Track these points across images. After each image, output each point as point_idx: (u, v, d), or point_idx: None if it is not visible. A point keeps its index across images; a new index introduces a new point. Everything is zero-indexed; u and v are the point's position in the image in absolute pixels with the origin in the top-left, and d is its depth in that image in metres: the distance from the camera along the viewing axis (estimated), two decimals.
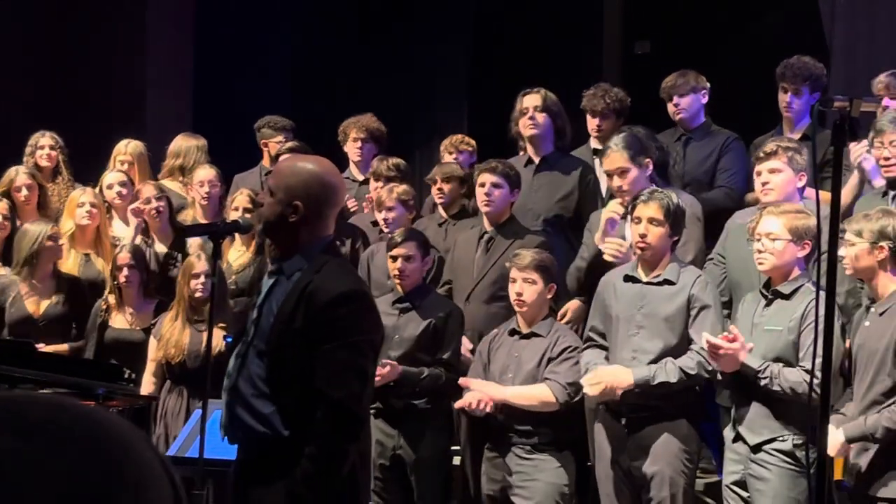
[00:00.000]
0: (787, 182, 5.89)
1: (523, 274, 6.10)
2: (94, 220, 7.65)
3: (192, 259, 6.97)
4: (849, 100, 3.38)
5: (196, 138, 8.64)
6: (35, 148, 8.42)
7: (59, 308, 7.32)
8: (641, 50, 11.12)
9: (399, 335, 6.43)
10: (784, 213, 5.46)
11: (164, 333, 6.89)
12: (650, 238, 5.72)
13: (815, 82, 7.12)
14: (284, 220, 4.22)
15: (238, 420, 4.23)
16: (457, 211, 7.34)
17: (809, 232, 5.40)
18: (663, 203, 5.71)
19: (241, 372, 4.24)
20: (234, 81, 11.51)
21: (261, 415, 4.16)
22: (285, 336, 4.15)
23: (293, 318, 4.14)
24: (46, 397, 1.23)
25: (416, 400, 6.38)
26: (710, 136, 7.33)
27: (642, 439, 5.71)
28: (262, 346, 4.20)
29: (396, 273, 6.50)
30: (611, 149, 6.27)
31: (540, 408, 6.04)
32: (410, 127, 10.74)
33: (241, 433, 4.25)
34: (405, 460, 6.42)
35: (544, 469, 6.08)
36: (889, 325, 5.18)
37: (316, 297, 4.12)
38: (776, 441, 5.39)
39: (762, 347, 5.43)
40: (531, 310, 6.15)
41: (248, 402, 4.19)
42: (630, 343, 5.76)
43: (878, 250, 5.23)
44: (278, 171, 4.41)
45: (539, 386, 6.06)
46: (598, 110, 7.46)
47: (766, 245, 5.43)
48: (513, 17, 11.63)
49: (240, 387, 4.22)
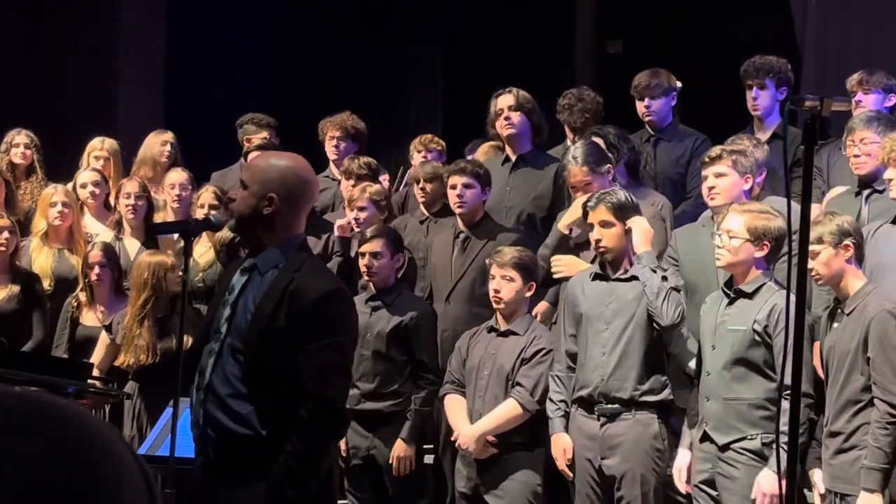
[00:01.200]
0: (733, 185, 5.92)
1: (502, 271, 6.11)
2: (66, 220, 7.61)
3: (161, 257, 6.88)
4: (819, 99, 3.38)
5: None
6: (10, 146, 8.39)
7: (13, 303, 7.25)
8: (614, 49, 11.15)
9: (370, 333, 6.43)
10: (746, 212, 5.48)
11: (129, 338, 6.75)
12: (605, 241, 5.79)
13: (779, 76, 7.17)
14: (258, 214, 4.20)
15: (213, 420, 4.19)
16: (438, 208, 7.35)
17: (769, 233, 5.42)
18: (609, 204, 5.76)
19: (216, 370, 4.20)
20: (207, 79, 11.48)
21: (238, 415, 4.14)
22: (266, 335, 4.13)
23: (274, 317, 4.12)
24: (26, 392, 1.22)
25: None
26: (680, 137, 7.38)
27: (613, 437, 5.73)
28: (239, 345, 4.17)
29: (365, 269, 6.50)
30: (570, 163, 6.31)
31: (514, 423, 6.08)
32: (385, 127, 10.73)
33: (216, 433, 4.20)
34: (379, 461, 6.44)
35: (517, 468, 6.10)
36: (858, 323, 5.20)
37: (300, 295, 4.12)
38: (744, 440, 5.40)
39: (727, 347, 5.44)
40: (508, 307, 6.16)
41: (225, 402, 4.16)
42: (600, 339, 5.78)
43: (844, 249, 5.25)
44: (252, 165, 4.42)
45: (507, 404, 6.08)
46: (577, 127, 7.44)
47: (724, 241, 5.45)
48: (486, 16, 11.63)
49: (215, 386, 4.19)
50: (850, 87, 6.93)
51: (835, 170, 6.79)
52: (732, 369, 5.42)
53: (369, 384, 6.44)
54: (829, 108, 3.40)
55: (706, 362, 5.53)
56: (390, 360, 6.46)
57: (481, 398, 6.16)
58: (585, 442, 5.81)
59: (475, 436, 6.08)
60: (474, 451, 6.08)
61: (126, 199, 7.63)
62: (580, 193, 6.28)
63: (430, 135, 8.48)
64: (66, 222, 7.61)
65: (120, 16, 11.24)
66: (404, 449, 6.41)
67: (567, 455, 5.82)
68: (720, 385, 5.45)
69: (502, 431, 6.09)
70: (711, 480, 5.49)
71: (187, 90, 11.31)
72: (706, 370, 5.52)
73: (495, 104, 7.21)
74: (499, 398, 6.12)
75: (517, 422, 6.08)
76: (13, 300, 7.24)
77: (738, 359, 5.41)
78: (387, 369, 6.46)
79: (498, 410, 6.09)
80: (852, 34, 9.01)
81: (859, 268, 5.36)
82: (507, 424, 6.08)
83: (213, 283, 7.26)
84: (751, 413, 5.39)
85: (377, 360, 6.44)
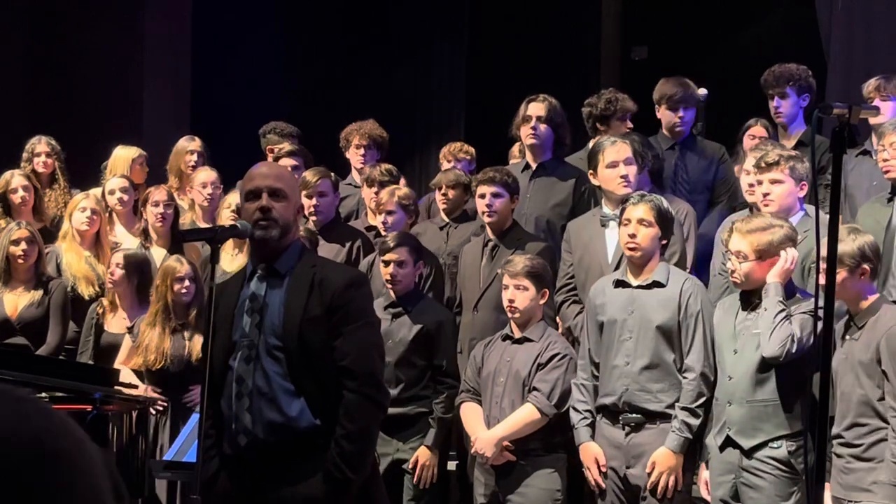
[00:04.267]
0: (788, 193, 5.89)
1: (515, 281, 6.12)
2: (93, 226, 7.65)
3: (172, 263, 6.93)
4: (848, 107, 3.38)
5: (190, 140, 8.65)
6: (32, 154, 8.44)
7: (37, 310, 7.29)
8: (639, 56, 11.14)
9: (392, 339, 6.44)
10: (750, 233, 5.43)
11: (142, 339, 6.83)
12: (640, 239, 5.73)
13: (800, 84, 7.16)
14: (295, 222, 4.46)
15: (268, 421, 4.28)
16: (458, 214, 7.38)
17: (779, 245, 5.40)
18: (654, 205, 5.73)
19: (256, 373, 4.30)
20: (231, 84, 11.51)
21: (292, 410, 4.26)
22: (304, 326, 4.28)
23: (308, 308, 4.29)
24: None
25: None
26: (702, 146, 7.36)
27: (638, 446, 5.71)
28: (278, 342, 4.30)
29: (388, 278, 6.52)
30: (617, 141, 6.33)
31: (531, 428, 6.07)
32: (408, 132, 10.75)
33: (272, 434, 4.29)
34: (403, 466, 6.46)
35: (536, 474, 6.09)
36: (872, 336, 5.18)
37: (329, 283, 4.33)
38: (769, 447, 5.38)
39: (753, 350, 5.41)
40: (523, 316, 6.17)
41: (276, 401, 4.27)
42: (623, 348, 5.76)
43: (861, 273, 5.23)
44: (281, 175, 4.51)
45: (524, 409, 6.08)
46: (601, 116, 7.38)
47: (735, 264, 5.44)
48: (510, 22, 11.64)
49: (262, 388, 4.29)
50: (866, 94, 6.90)
51: (852, 175, 6.76)
52: (758, 372, 5.40)
53: (392, 390, 6.44)
54: (857, 115, 3.40)
55: (727, 367, 5.51)
56: (412, 366, 6.48)
57: (498, 405, 6.17)
58: (610, 451, 5.78)
59: (493, 441, 6.08)
60: (492, 456, 6.08)
61: (154, 207, 7.67)
62: (617, 169, 6.26)
63: (460, 143, 8.50)
64: (93, 228, 7.65)
65: (144, 22, 11.28)
66: (429, 457, 6.43)
67: (601, 462, 5.80)
68: (745, 388, 5.42)
69: (520, 437, 6.08)
70: (734, 493, 5.46)
71: (212, 95, 11.35)
72: (727, 375, 5.50)
73: (525, 109, 7.17)
74: (515, 404, 6.11)
75: (535, 427, 6.07)
76: (36, 306, 7.28)
77: (763, 362, 5.38)
78: (409, 375, 6.48)
79: (515, 415, 6.09)
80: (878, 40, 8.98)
81: (873, 284, 5.35)
82: (525, 429, 6.08)
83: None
84: (776, 415, 5.37)
85: (399, 366, 6.46)
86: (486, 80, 11.64)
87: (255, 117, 9.25)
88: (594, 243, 6.38)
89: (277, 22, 12.17)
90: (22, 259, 7.27)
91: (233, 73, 11.65)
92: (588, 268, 6.34)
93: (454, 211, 7.43)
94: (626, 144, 6.33)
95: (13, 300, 7.29)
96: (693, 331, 5.67)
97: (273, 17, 12.14)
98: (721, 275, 6.22)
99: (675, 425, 5.61)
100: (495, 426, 6.12)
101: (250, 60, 11.80)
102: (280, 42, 12.18)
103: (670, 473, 5.60)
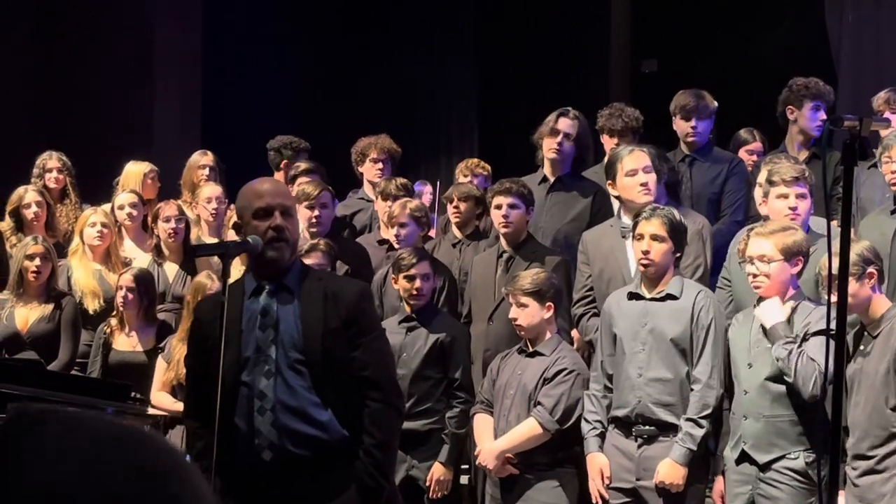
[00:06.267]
0: (810, 208, 5.94)
1: (515, 299, 6.12)
2: (104, 241, 7.66)
3: (202, 280, 6.93)
4: (859, 119, 3.37)
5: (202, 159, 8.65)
6: (43, 170, 8.46)
7: (48, 324, 7.30)
8: (649, 68, 11.15)
9: (406, 353, 6.45)
10: (773, 234, 5.43)
11: (174, 354, 6.86)
12: (653, 254, 5.73)
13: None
14: (298, 238, 4.53)
15: (296, 434, 4.28)
16: (471, 231, 7.38)
17: (801, 247, 5.40)
18: (666, 219, 5.73)
19: (277, 388, 4.29)
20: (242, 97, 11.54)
21: (321, 423, 4.28)
22: (325, 338, 4.30)
23: (326, 321, 4.31)
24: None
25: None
26: (715, 157, 7.34)
27: (650, 459, 5.71)
28: (299, 356, 4.30)
29: (415, 293, 6.52)
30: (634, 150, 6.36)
31: (533, 442, 6.07)
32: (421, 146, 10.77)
33: (303, 447, 4.29)
34: (418, 481, 6.46)
35: (540, 489, 6.08)
36: (886, 345, 5.16)
37: (342, 296, 4.36)
38: (786, 459, 5.37)
39: (767, 365, 5.40)
40: (530, 332, 6.17)
41: (305, 414, 4.28)
42: (636, 360, 5.76)
43: (868, 277, 5.21)
44: (287, 192, 4.62)
45: (526, 423, 6.08)
46: (616, 129, 7.47)
47: (761, 268, 5.42)
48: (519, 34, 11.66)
49: (288, 402, 4.28)
50: (876, 107, 6.91)
51: (864, 187, 6.76)
52: (773, 387, 5.39)
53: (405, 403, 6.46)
54: (868, 128, 3.40)
55: (742, 381, 5.50)
56: (426, 379, 6.49)
57: (505, 417, 6.17)
58: (622, 462, 5.78)
59: (494, 453, 6.08)
60: (493, 468, 6.08)
61: (166, 223, 7.66)
62: (636, 176, 6.28)
63: (476, 159, 8.53)
64: (105, 243, 7.66)
65: (154, 37, 11.31)
66: (443, 472, 6.44)
67: (606, 474, 5.80)
68: (760, 403, 5.41)
69: (522, 450, 6.08)
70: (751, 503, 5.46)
71: (222, 110, 11.37)
72: (742, 389, 5.49)
73: (555, 121, 7.12)
74: (521, 417, 6.11)
75: (537, 441, 6.06)
76: (47, 320, 7.29)
77: (778, 376, 5.38)
78: (422, 388, 6.48)
79: (518, 429, 6.09)
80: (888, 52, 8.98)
81: (882, 289, 5.33)
82: (527, 443, 6.07)
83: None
84: (792, 430, 5.36)
85: (413, 380, 6.45)
86: (496, 93, 11.66)
87: (266, 131, 9.26)
88: (615, 255, 6.36)
89: (287, 34, 12.20)
90: (35, 275, 7.28)
91: (243, 88, 11.67)
92: (609, 280, 6.32)
93: (466, 224, 7.42)
94: (644, 153, 6.33)
95: (24, 314, 7.30)
96: (703, 342, 5.67)
97: (283, 29, 12.17)
98: (723, 288, 6.22)
99: (679, 436, 5.61)
100: (498, 439, 6.13)
101: (260, 74, 11.82)
102: (290, 54, 12.20)
103: (674, 484, 5.59)
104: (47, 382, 5.75)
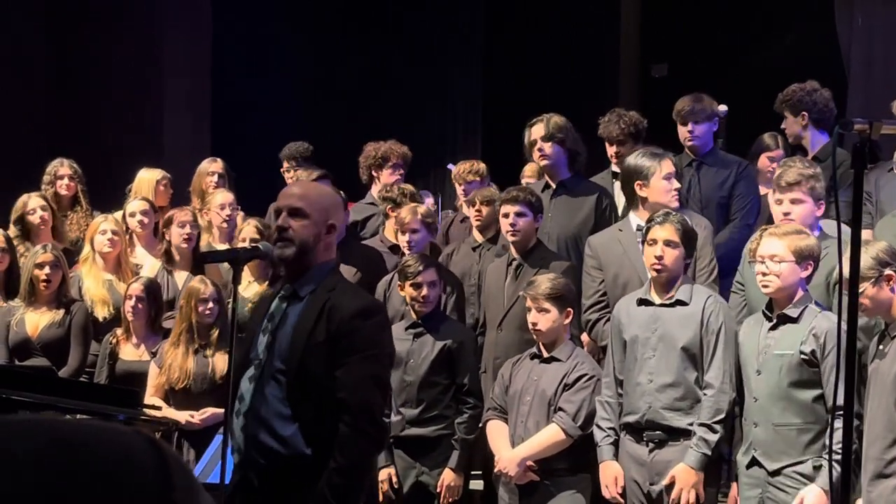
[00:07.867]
0: (808, 213, 5.89)
1: (536, 304, 6.11)
2: (115, 248, 7.64)
3: (196, 284, 6.93)
4: (869, 122, 3.35)
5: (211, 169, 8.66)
6: (54, 178, 8.45)
7: (58, 330, 7.30)
8: (658, 73, 11.13)
9: (413, 359, 6.46)
10: (786, 235, 5.43)
11: (166, 359, 6.85)
12: (667, 260, 5.73)
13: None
14: (319, 241, 4.35)
15: (259, 444, 4.26)
16: (492, 234, 7.37)
17: (812, 252, 5.39)
18: (679, 225, 5.73)
19: (256, 395, 4.28)
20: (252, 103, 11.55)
21: (282, 437, 4.22)
22: (306, 352, 4.23)
23: (313, 334, 4.24)
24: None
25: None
26: (722, 162, 7.32)
27: (662, 463, 5.70)
28: (281, 366, 4.26)
29: (422, 300, 6.52)
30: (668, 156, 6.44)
31: (555, 449, 6.06)
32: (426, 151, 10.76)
33: (261, 456, 4.26)
34: (429, 488, 6.46)
35: (560, 496, 6.07)
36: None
37: (337, 311, 4.24)
38: (796, 464, 5.36)
39: (775, 372, 5.39)
40: (547, 337, 6.16)
41: (268, 425, 4.24)
42: (646, 366, 5.75)
43: (886, 280, 5.18)
44: (305, 194, 4.45)
45: (549, 429, 6.07)
46: (613, 136, 7.49)
47: (771, 267, 5.40)
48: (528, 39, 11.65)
49: (258, 410, 4.27)
50: (895, 111, 6.88)
51: (884, 192, 6.74)
52: (781, 395, 5.38)
53: (413, 410, 6.47)
54: (878, 131, 3.37)
55: (751, 388, 5.49)
56: (434, 385, 6.49)
57: (523, 424, 6.16)
58: (634, 467, 5.78)
59: (516, 460, 6.07)
60: (515, 476, 6.07)
61: (180, 228, 7.63)
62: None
63: (470, 163, 8.52)
64: (115, 250, 7.65)
65: (164, 45, 11.33)
66: (453, 478, 6.43)
67: (619, 483, 5.79)
68: (769, 411, 5.40)
69: (544, 457, 6.08)
70: None
71: (232, 118, 11.39)
72: (752, 396, 5.48)
73: (529, 134, 7.19)
74: (540, 424, 6.10)
75: (559, 447, 6.06)
76: (57, 326, 7.29)
77: (786, 384, 5.37)
78: (430, 395, 6.49)
79: (540, 435, 6.08)
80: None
81: None
82: (550, 450, 6.06)
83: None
84: (801, 438, 5.35)
85: (421, 386, 6.46)
86: (504, 99, 11.65)
87: (275, 140, 9.27)
88: (629, 258, 6.36)
89: (297, 43, 12.21)
90: (45, 284, 7.27)
91: (253, 96, 11.68)
92: (626, 283, 6.30)
93: (488, 228, 7.42)
94: (670, 159, 6.37)
95: (35, 320, 7.30)
96: (714, 347, 5.67)
97: (293, 38, 12.18)
98: (737, 292, 6.20)
99: (693, 441, 5.60)
100: (519, 445, 6.11)
101: (270, 80, 11.83)
102: (300, 63, 12.21)
103: (690, 489, 5.58)
104: (58, 389, 5.73)
